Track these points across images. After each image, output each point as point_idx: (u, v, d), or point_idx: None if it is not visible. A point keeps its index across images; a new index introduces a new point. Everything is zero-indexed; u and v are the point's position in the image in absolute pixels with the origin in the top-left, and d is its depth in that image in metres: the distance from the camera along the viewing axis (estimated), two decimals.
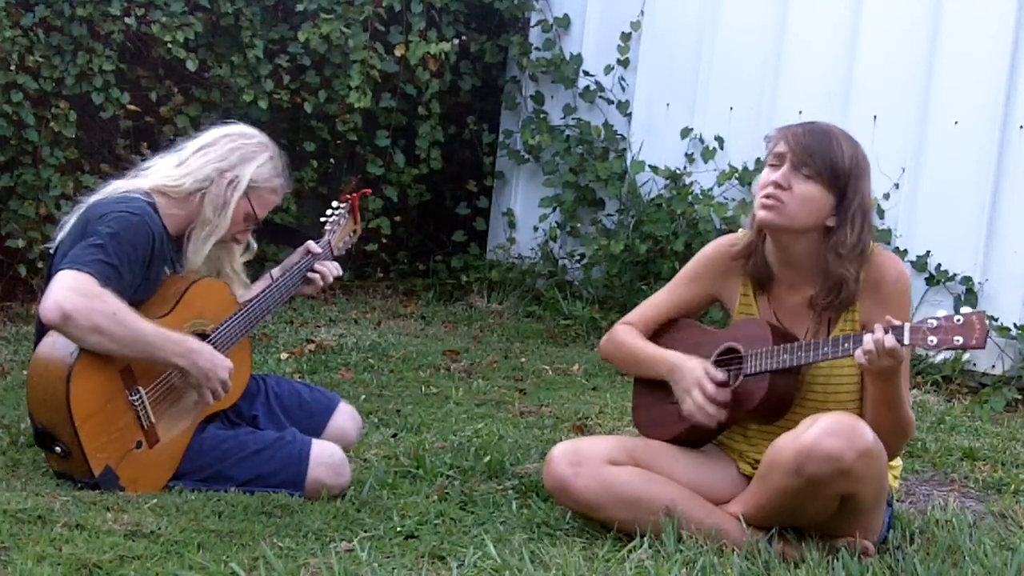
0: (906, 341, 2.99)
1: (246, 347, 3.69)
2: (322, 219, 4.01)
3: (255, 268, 3.89)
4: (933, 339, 2.97)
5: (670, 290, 3.53)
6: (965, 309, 3.06)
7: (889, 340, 2.99)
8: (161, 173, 3.57)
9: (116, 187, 3.54)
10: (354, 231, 4.09)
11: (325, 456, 3.51)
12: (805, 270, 3.28)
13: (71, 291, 3.22)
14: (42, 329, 3.39)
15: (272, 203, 3.68)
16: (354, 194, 4.09)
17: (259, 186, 3.60)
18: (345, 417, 3.87)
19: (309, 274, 3.85)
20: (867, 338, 3.02)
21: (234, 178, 3.55)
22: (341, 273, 3.92)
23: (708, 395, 3.24)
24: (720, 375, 3.27)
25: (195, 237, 3.56)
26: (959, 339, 2.95)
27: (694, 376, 3.28)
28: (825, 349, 3.14)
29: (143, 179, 3.56)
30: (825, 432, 3.03)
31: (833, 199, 3.18)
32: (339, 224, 4.01)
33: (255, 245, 3.82)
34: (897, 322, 3.02)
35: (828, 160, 3.16)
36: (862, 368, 3.09)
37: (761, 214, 3.22)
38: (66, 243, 3.42)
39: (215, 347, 3.47)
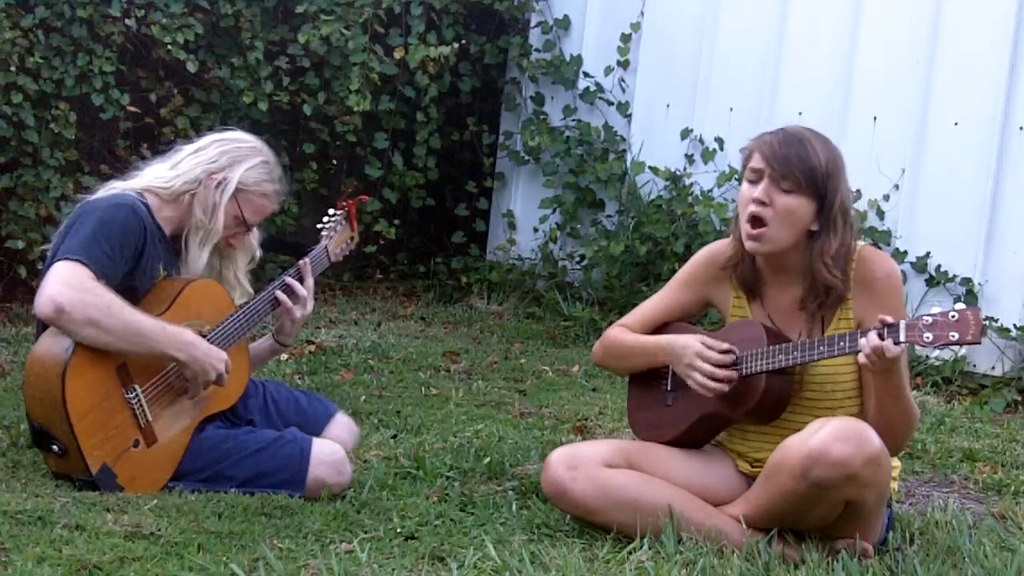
0: (902, 339, 3.01)
1: (244, 349, 3.69)
2: (318, 226, 4.00)
3: (255, 271, 3.88)
4: (929, 335, 2.99)
5: (663, 295, 3.53)
6: (960, 305, 3.05)
7: (886, 343, 3.00)
8: (153, 174, 3.61)
9: (111, 187, 3.59)
10: (351, 238, 4.07)
11: (326, 454, 3.52)
12: (793, 273, 3.29)
13: (64, 285, 3.24)
14: (42, 328, 3.40)
15: (264, 209, 3.67)
16: (351, 201, 4.08)
17: (248, 189, 3.60)
18: (341, 428, 3.85)
19: (278, 293, 3.73)
20: (863, 342, 3.03)
21: (222, 180, 3.57)
22: (306, 294, 3.77)
23: (713, 361, 3.24)
24: (721, 344, 3.27)
25: (192, 242, 3.59)
26: (954, 335, 2.96)
27: (693, 349, 3.27)
28: (821, 348, 3.14)
29: (136, 180, 3.61)
30: (834, 437, 3.02)
31: (815, 205, 3.19)
32: (335, 231, 3.99)
33: (259, 252, 3.81)
34: (892, 320, 3.03)
35: (806, 169, 3.16)
36: (865, 368, 3.10)
37: (749, 244, 3.24)
38: (58, 239, 3.44)
39: None
